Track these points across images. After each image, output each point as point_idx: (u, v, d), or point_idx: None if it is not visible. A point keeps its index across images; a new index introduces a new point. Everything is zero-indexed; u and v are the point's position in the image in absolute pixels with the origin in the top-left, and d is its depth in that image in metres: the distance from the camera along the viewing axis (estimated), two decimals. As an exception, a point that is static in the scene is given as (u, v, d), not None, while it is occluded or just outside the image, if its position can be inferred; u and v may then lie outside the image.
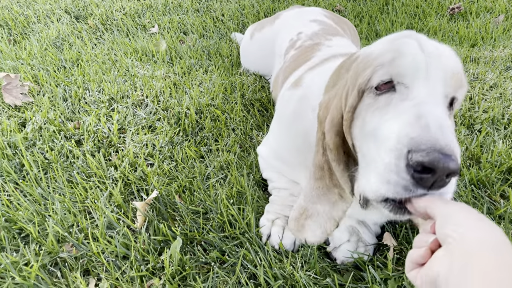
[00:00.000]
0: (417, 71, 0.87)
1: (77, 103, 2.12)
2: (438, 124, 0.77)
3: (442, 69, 0.87)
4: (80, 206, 1.51)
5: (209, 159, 1.76)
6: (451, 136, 0.77)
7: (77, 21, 3.31)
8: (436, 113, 0.80)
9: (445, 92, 0.88)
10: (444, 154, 0.72)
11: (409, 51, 0.88)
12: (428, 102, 0.83)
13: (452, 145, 0.74)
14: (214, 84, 2.32)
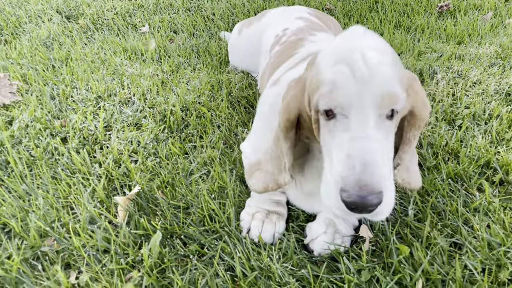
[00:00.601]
0: (350, 103, 0.98)
1: (64, 101, 2.15)
2: (363, 163, 0.94)
3: (371, 94, 0.96)
4: (63, 201, 1.53)
5: (193, 156, 1.79)
6: (374, 172, 0.94)
7: (68, 21, 3.34)
8: (364, 149, 0.96)
9: (379, 112, 0.99)
10: (361, 196, 0.92)
11: (342, 83, 0.98)
12: (359, 136, 0.98)
13: (371, 184, 0.92)
14: (201, 82, 2.34)
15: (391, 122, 1.03)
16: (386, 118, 1.01)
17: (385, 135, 1.02)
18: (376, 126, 0.99)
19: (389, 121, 1.03)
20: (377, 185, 0.93)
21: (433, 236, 1.36)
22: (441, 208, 1.48)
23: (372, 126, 0.98)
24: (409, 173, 1.26)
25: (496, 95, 2.14)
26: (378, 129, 1.00)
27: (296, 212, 1.52)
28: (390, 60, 1.01)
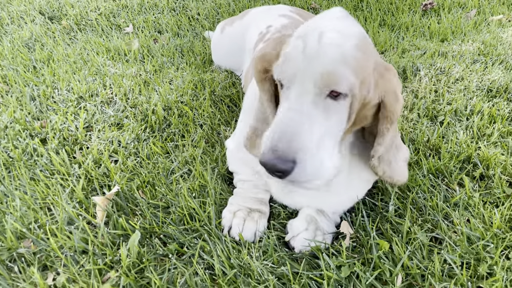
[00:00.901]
0: (293, 77, 1.05)
1: (45, 102, 2.12)
2: (283, 131, 1.02)
3: (312, 71, 1.02)
4: (41, 203, 1.51)
5: (175, 155, 1.77)
6: (292, 140, 1.01)
7: (51, 22, 3.30)
8: (291, 120, 1.04)
9: (316, 91, 1.04)
10: (270, 159, 1.00)
11: (292, 58, 1.06)
12: (293, 108, 1.05)
13: (284, 151, 1.00)
14: (185, 81, 2.33)
15: (336, 103, 1.07)
16: (329, 98, 1.06)
17: (325, 115, 1.07)
18: (312, 103, 1.05)
19: (332, 101, 1.06)
20: (289, 153, 1.00)
21: (413, 231, 1.36)
22: (422, 203, 1.48)
23: (308, 102, 1.05)
24: (391, 167, 1.28)
25: (477, 91, 2.15)
26: (315, 106, 1.05)
27: (277, 209, 1.51)
28: (350, 44, 1.05)
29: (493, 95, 2.12)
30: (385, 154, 1.26)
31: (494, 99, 2.08)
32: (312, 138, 1.04)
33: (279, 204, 1.53)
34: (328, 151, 1.10)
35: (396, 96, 1.14)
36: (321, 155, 1.07)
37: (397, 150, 1.30)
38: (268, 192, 1.55)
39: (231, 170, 1.67)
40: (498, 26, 3.06)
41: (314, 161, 1.05)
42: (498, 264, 1.23)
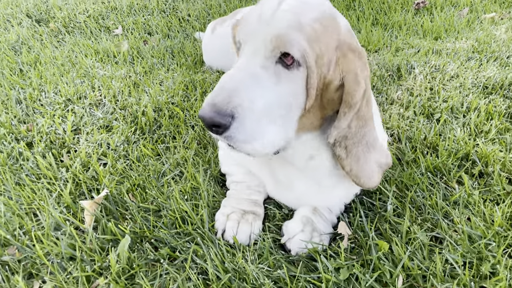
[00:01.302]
0: (247, 37, 1.05)
1: (31, 105, 2.06)
2: (221, 87, 0.99)
3: (264, 33, 1.01)
4: (26, 208, 1.45)
5: (166, 157, 1.72)
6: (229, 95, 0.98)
7: (38, 24, 3.24)
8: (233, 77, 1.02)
9: (267, 53, 1.02)
10: (205, 112, 0.96)
11: (249, 20, 1.05)
12: (238, 68, 1.03)
13: (220, 105, 0.97)
14: (175, 82, 2.28)
15: (289, 72, 1.04)
16: (281, 65, 1.04)
17: (276, 81, 1.04)
18: (261, 65, 1.03)
19: (284, 69, 1.04)
20: (227, 107, 0.97)
21: (413, 231, 1.32)
22: (421, 202, 1.44)
23: (257, 62, 1.03)
24: (359, 165, 1.21)
25: (473, 88, 2.12)
26: (265, 69, 1.03)
27: (272, 211, 1.46)
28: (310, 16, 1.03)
29: (489, 92, 2.09)
30: (353, 148, 1.19)
31: (490, 95, 2.05)
32: (254, 98, 1.01)
33: (274, 205, 1.48)
34: (278, 122, 1.07)
35: (356, 77, 1.09)
36: (267, 121, 1.04)
37: (369, 149, 1.23)
38: (262, 193, 1.50)
39: (223, 171, 1.62)
40: (491, 24, 3.05)
41: (256, 122, 1.02)
42: (501, 263, 1.19)
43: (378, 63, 2.47)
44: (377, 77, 2.30)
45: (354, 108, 1.11)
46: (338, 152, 1.19)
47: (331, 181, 1.36)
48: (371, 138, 1.23)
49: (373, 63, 2.48)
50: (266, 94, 1.03)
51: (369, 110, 1.18)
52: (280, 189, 1.46)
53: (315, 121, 1.17)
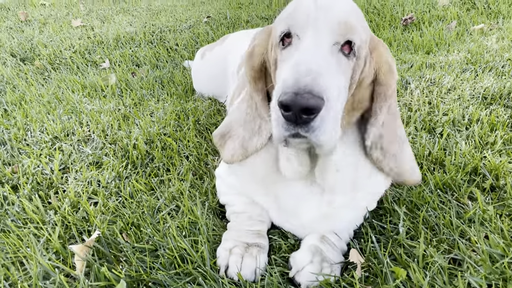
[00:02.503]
0: (307, 23, 0.97)
1: (16, 145, 1.97)
2: (307, 69, 0.87)
3: (329, 20, 0.96)
4: (12, 257, 1.34)
5: (160, 191, 1.63)
6: (317, 77, 0.86)
7: (23, 63, 3.18)
8: (312, 59, 0.90)
9: (333, 39, 0.96)
10: (296, 93, 0.82)
11: (303, 5, 1.00)
12: (310, 50, 0.93)
13: (309, 84, 0.84)
14: (166, 112, 2.21)
15: (347, 60, 0.99)
16: (342, 52, 0.99)
17: (339, 70, 0.97)
18: (329, 52, 0.96)
19: (344, 58, 0.99)
20: (316, 87, 0.84)
21: (430, 254, 1.23)
22: (434, 222, 1.36)
23: (325, 50, 0.95)
24: (397, 163, 1.17)
25: (472, 100, 2.07)
26: (331, 55, 0.96)
27: (278, 242, 1.37)
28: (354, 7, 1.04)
29: (489, 102, 2.04)
30: (389, 146, 1.14)
31: (490, 106, 2.00)
32: (333, 85, 0.91)
33: (279, 235, 1.39)
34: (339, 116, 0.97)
35: (390, 67, 1.07)
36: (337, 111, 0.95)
37: (403, 144, 1.19)
38: (265, 223, 1.41)
39: (222, 202, 1.54)
40: (481, 35, 3.04)
41: (333, 113, 0.91)
42: (528, 283, 1.11)
43: (372, 80, 2.43)
44: (372, 94, 2.25)
45: (390, 100, 1.09)
46: (376, 155, 1.14)
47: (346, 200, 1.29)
48: (402, 132, 1.21)
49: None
50: (336, 82, 0.95)
51: (396, 103, 1.17)
52: (285, 216, 1.37)
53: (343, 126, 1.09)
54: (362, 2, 4.26)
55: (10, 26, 4.11)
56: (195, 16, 4.21)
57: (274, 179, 1.33)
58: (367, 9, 4.01)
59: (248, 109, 1.23)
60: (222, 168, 1.56)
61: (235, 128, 1.27)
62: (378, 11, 3.91)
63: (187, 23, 3.98)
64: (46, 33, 3.83)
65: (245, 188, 1.44)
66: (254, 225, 1.39)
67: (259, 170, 1.35)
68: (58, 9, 4.77)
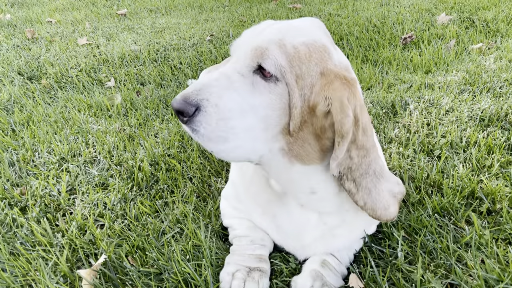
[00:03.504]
0: (235, 48, 1.15)
1: (25, 167, 2.02)
2: (197, 83, 1.06)
3: (248, 45, 1.08)
4: (21, 280, 1.38)
5: (165, 213, 1.67)
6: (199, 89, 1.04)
7: (30, 81, 3.24)
8: (208, 76, 1.07)
9: (246, 62, 1.07)
10: (175, 99, 1.03)
11: (244, 34, 1.15)
12: (219, 71, 1.09)
13: (186, 94, 1.03)
14: (170, 133, 2.25)
15: (266, 84, 1.06)
16: (259, 75, 1.06)
17: (252, 91, 1.06)
18: (239, 72, 1.07)
19: (261, 80, 1.06)
20: (193, 97, 1.03)
21: (427, 279, 1.26)
22: (432, 246, 1.39)
23: (236, 69, 1.08)
24: (372, 197, 1.17)
25: (470, 122, 2.11)
26: (242, 77, 1.07)
27: (279, 266, 1.40)
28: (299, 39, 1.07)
29: (486, 124, 2.08)
30: (361, 179, 1.15)
31: (488, 128, 2.04)
32: (224, 97, 1.05)
33: (280, 259, 1.43)
34: (258, 134, 1.08)
35: (341, 106, 1.05)
36: (242, 128, 1.06)
37: (379, 179, 1.20)
38: (267, 247, 1.45)
39: (225, 225, 1.57)
40: (479, 54, 3.08)
41: (223, 122, 1.05)
42: (523, 309, 1.14)
43: (372, 100, 2.47)
44: (372, 115, 2.29)
45: (347, 137, 1.07)
46: (348, 186, 1.15)
47: (337, 220, 1.32)
48: (377, 167, 1.19)
49: (367, 101, 2.48)
50: (239, 99, 1.06)
51: (368, 139, 1.14)
52: (285, 236, 1.41)
53: (313, 153, 1.13)
54: (362, 20, 4.32)
55: (17, 44, 4.18)
56: (199, 34, 4.28)
57: (268, 198, 1.37)
58: (367, 27, 4.08)
59: None
60: (227, 189, 1.61)
61: None
62: (378, 29, 3.97)
63: (191, 41, 4.05)
64: (53, 51, 3.90)
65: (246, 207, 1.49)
66: (257, 249, 1.42)
67: (253, 185, 1.40)
68: (64, 26, 4.85)
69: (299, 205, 1.31)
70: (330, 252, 1.38)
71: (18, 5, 6.20)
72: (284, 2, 5.78)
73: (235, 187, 1.55)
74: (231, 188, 1.58)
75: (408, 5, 4.85)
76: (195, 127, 1.04)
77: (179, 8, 5.81)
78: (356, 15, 4.61)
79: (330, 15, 4.77)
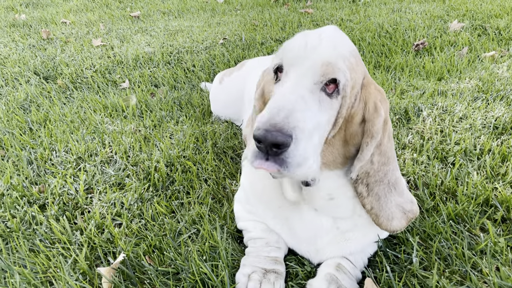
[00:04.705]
0: (294, 61, 1.08)
1: (43, 165, 2.05)
2: (280, 107, 0.98)
3: (313, 60, 1.05)
4: (41, 276, 1.41)
5: (181, 214, 1.69)
6: (288, 116, 0.96)
7: (46, 81, 3.29)
8: (288, 97, 1.01)
9: (314, 78, 1.05)
10: (266, 130, 0.93)
11: (296, 43, 1.09)
12: (289, 88, 1.04)
13: (279, 122, 0.94)
14: (185, 134, 2.28)
15: (329, 100, 1.08)
16: (324, 92, 1.07)
17: (319, 108, 1.05)
18: (309, 91, 1.04)
19: (326, 97, 1.07)
20: (286, 126, 0.95)
21: (443, 285, 1.27)
22: (447, 252, 1.40)
23: (305, 87, 1.04)
24: (380, 204, 1.22)
25: (484, 129, 2.12)
26: (311, 94, 1.05)
27: (294, 269, 1.42)
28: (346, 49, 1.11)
29: (500, 132, 2.08)
30: (375, 186, 1.20)
31: (502, 136, 2.04)
32: (306, 121, 1.00)
33: (296, 262, 1.44)
34: (316, 149, 1.07)
35: (375, 106, 1.14)
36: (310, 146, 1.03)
37: (391, 189, 1.24)
38: (281, 249, 1.46)
39: (240, 227, 1.59)
40: (492, 62, 3.09)
41: (306, 146, 1.00)
42: (539, 317, 1.14)
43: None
44: (386, 121, 2.30)
45: (376, 137, 1.14)
46: (360, 189, 1.20)
47: (349, 224, 1.35)
48: (392, 178, 1.25)
49: (380, 107, 2.49)
50: (312, 120, 1.04)
51: (391, 148, 1.22)
52: (298, 240, 1.43)
53: (339, 158, 1.19)
54: (374, 26, 4.34)
55: (33, 44, 4.24)
56: (211, 38, 4.32)
57: (279, 204, 1.40)
58: (379, 33, 4.09)
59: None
60: (240, 193, 1.63)
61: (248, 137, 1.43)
62: (390, 35, 3.98)
63: (204, 44, 4.08)
64: (68, 52, 3.96)
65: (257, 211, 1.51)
66: (272, 251, 1.44)
67: (265, 195, 1.43)
68: (78, 27, 4.91)
69: (313, 210, 1.34)
70: (343, 255, 1.39)
71: (32, 6, 6.29)
72: (296, 6, 5.81)
73: (246, 193, 1.57)
74: (243, 193, 1.60)
75: (420, 11, 4.86)
76: (287, 157, 0.97)
77: (191, 11, 5.86)
78: (368, 21, 4.62)
79: (342, 21, 4.79)
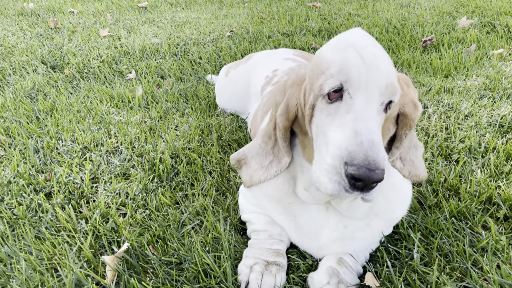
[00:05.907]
0: (359, 83, 1.03)
1: (49, 154, 2.08)
2: (370, 141, 0.98)
3: (378, 81, 1.03)
4: (47, 263, 1.43)
5: (185, 205, 1.71)
6: (379, 150, 0.98)
7: (53, 71, 3.31)
8: (370, 129, 1.00)
9: (381, 100, 1.05)
10: (369, 169, 0.94)
11: (353, 61, 1.03)
12: (364, 117, 1.02)
13: (377, 160, 0.96)
14: (191, 126, 2.29)
15: (383, 115, 1.10)
16: (383, 109, 1.09)
17: (379, 126, 1.07)
18: (377, 112, 1.06)
19: (383, 114, 1.09)
20: (382, 162, 0.97)
21: (443, 281, 1.28)
22: (448, 249, 1.41)
23: (375, 110, 1.05)
24: (415, 166, 1.33)
25: (489, 127, 2.11)
26: (378, 117, 1.07)
27: (296, 261, 1.44)
28: (389, 59, 1.09)
29: (505, 131, 2.08)
30: (407, 155, 1.31)
31: (507, 134, 2.04)
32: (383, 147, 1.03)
33: (298, 255, 1.46)
34: None
35: (414, 105, 1.21)
36: None
37: (416, 149, 1.35)
38: (284, 242, 1.48)
39: (244, 219, 1.61)
40: (500, 60, 3.07)
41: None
42: (538, 315, 1.15)
43: (391, 102, 2.48)
44: (391, 117, 2.31)
45: (414, 128, 1.25)
46: (398, 166, 1.31)
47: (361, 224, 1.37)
48: (414, 139, 1.35)
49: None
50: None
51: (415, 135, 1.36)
52: (303, 236, 1.44)
53: None
54: (382, 21, 4.31)
55: (41, 33, 4.26)
56: (218, 30, 4.32)
57: (290, 201, 1.41)
58: (387, 28, 4.07)
59: (262, 144, 1.38)
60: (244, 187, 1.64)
61: (249, 157, 1.42)
62: (398, 31, 3.97)
63: (211, 37, 4.08)
64: (75, 41, 3.97)
65: (263, 206, 1.52)
66: (274, 244, 1.45)
67: (275, 192, 1.43)
68: (86, 17, 4.92)
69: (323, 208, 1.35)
70: (347, 252, 1.40)
71: (40, -5, 6.31)
72: (304, 0, 5.78)
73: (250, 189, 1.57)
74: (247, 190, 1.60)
75: (429, 7, 4.83)
76: (376, 187, 1.01)
77: (199, 3, 5.85)
78: (376, 16, 4.60)
79: (349, 15, 4.77)
